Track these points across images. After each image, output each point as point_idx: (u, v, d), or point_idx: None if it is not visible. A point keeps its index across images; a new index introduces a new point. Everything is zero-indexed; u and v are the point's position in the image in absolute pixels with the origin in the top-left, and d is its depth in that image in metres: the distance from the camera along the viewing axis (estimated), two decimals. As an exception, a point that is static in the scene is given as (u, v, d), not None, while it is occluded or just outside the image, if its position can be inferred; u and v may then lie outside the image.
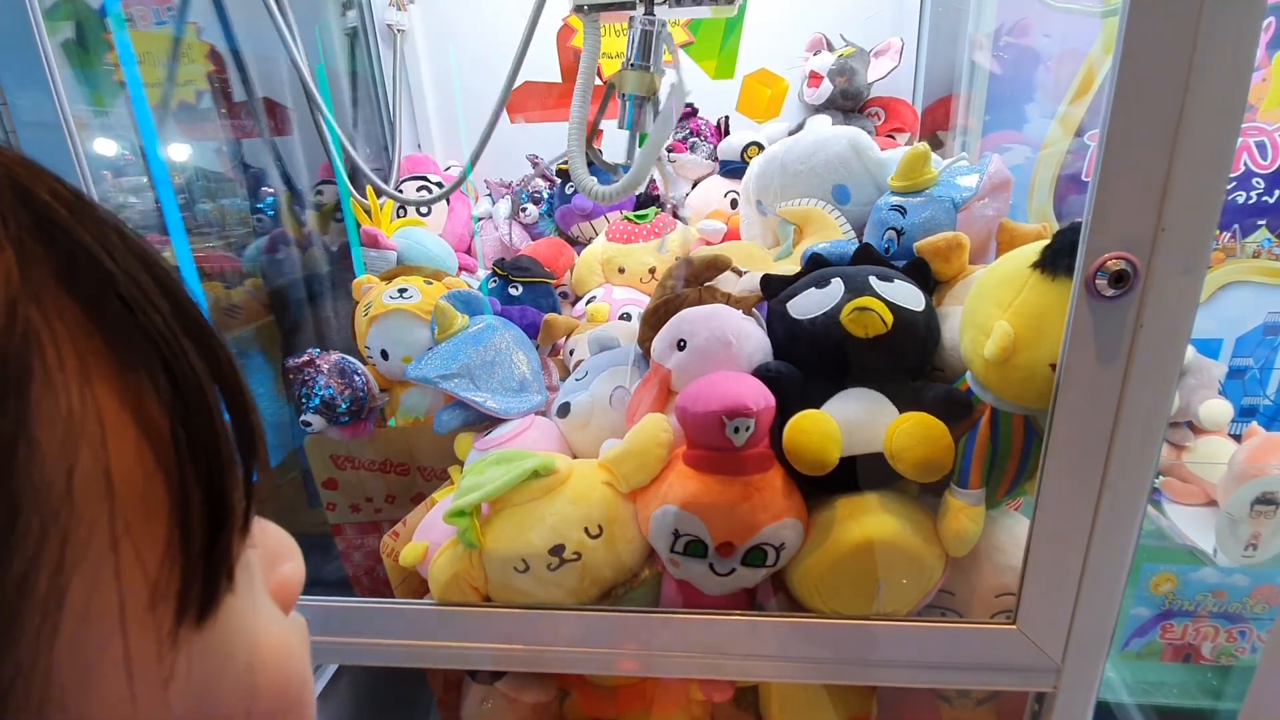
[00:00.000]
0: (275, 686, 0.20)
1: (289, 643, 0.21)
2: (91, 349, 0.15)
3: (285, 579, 0.23)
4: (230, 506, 0.17)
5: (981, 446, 0.59)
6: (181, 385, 0.16)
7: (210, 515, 0.17)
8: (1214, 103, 0.44)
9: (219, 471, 0.17)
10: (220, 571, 0.17)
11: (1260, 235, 1.02)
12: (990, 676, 0.62)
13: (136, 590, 0.15)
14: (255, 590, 0.21)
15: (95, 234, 0.15)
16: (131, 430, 0.15)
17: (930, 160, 0.78)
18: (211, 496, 0.17)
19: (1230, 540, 0.75)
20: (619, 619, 0.65)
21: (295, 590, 0.24)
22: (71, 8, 0.88)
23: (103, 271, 0.15)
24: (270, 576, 0.23)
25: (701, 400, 0.60)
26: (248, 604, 0.20)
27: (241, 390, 0.18)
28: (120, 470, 0.15)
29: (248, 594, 0.20)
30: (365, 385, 0.86)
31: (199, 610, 0.17)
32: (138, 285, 0.16)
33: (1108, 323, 0.49)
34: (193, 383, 0.17)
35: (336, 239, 1.18)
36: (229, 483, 0.17)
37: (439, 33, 1.27)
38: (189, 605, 0.17)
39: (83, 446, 0.14)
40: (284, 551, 0.24)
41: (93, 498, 0.14)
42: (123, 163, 0.95)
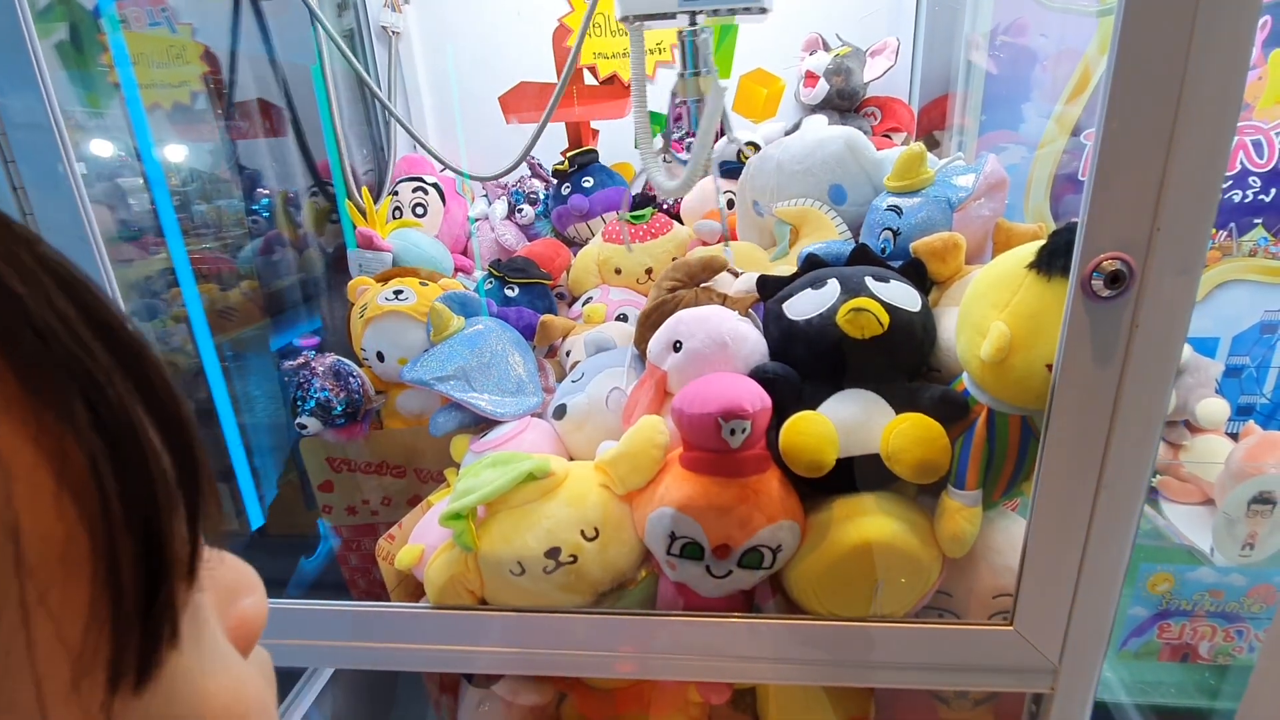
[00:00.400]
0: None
1: (243, 692, 0.19)
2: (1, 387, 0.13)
3: (245, 616, 0.21)
4: (170, 555, 0.15)
5: (978, 447, 0.59)
6: (107, 422, 0.14)
7: (147, 568, 0.15)
8: (1209, 103, 0.44)
9: (154, 516, 0.15)
10: (161, 630, 0.16)
11: (1257, 234, 1.02)
12: (987, 678, 0.62)
13: (56, 668, 0.13)
14: (205, 639, 0.19)
15: (6, 255, 0.14)
16: (47, 481, 0.13)
17: (926, 160, 0.78)
18: (147, 547, 0.15)
19: (1227, 539, 0.75)
20: (616, 621, 0.65)
21: (256, 628, 0.22)
22: (66, 9, 0.88)
23: (10, 296, 0.13)
24: (228, 615, 0.21)
25: (697, 402, 0.60)
26: (195, 658, 0.18)
27: (181, 420, 0.16)
28: (32, 530, 0.13)
29: (195, 647, 0.18)
30: (361, 387, 0.86)
31: (136, 676, 0.15)
32: (52, 309, 0.14)
33: (1104, 323, 0.49)
34: (121, 418, 0.15)
35: (332, 240, 1.18)
36: (168, 527, 0.15)
37: (434, 34, 1.27)
38: (123, 673, 0.15)
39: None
40: (243, 586, 0.22)
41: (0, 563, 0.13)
42: (118, 164, 0.95)
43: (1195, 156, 0.45)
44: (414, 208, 1.14)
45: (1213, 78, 0.43)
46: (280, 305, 1.10)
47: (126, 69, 0.93)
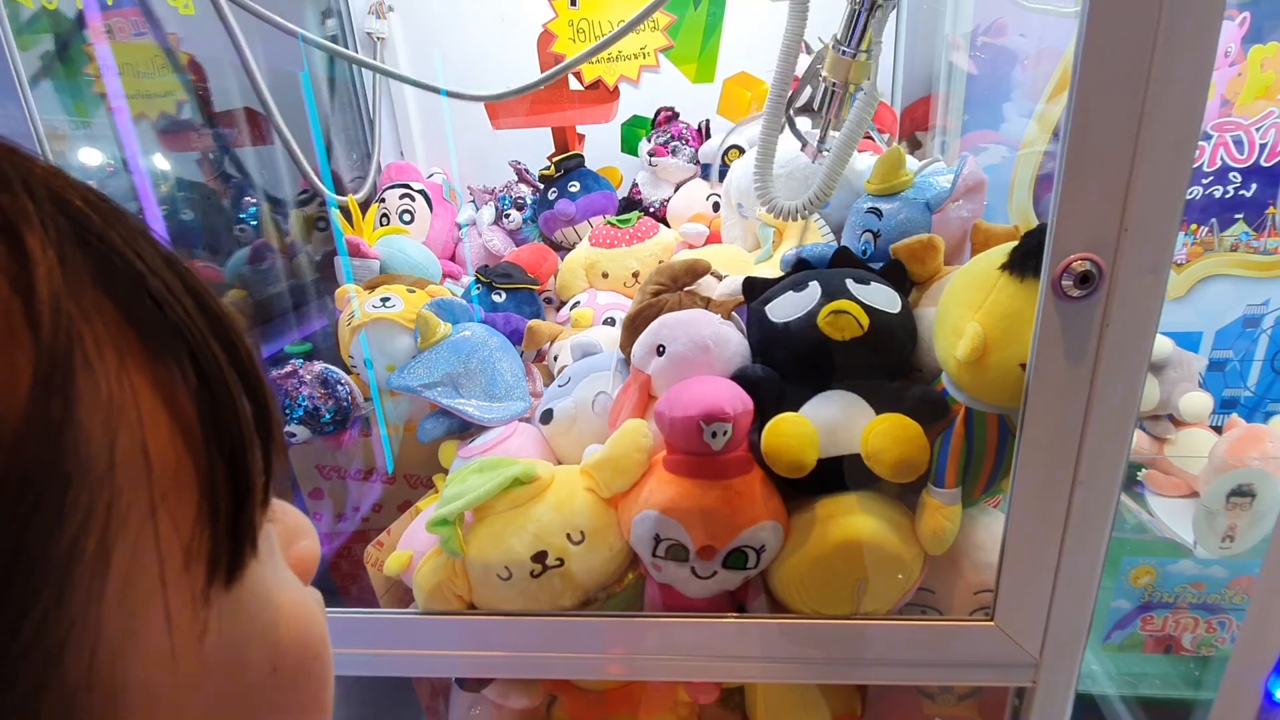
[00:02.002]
0: (297, 644, 0.22)
1: (307, 606, 0.23)
2: (126, 342, 0.16)
3: (302, 554, 0.26)
4: (251, 482, 0.19)
5: (956, 446, 0.59)
6: (206, 374, 0.18)
7: (233, 489, 0.18)
8: (1173, 105, 0.44)
9: (240, 451, 0.19)
10: (244, 539, 0.19)
11: (1238, 229, 1.03)
12: (970, 673, 0.63)
13: (173, 553, 0.17)
14: (276, 560, 0.23)
15: (126, 238, 0.17)
16: (163, 414, 0.17)
17: (905, 162, 0.79)
18: (234, 472, 0.19)
19: (1207, 532, 0.76)
20: (604, 624, 0.65)
21: (312, 564, 0.26)
22: (50, 20, 0.88)
23: (134, 272, 0.17)
24: (289, 552, 0.25)
25: (680, 405, 0.61)
26: (269, 571, 0.21)
27: (259, 379, 0.20)
28: (155, 448, 0.16)
29: (269, 563, 0.22)
30: (349, 395, 0.86)
31: (227, 573, 0.19)
32: (165, 285, 0.17)
33: (1075, 322, 0.49)
34: (215, 372, 0.18)
35: (320, 248, 1.18)
36: (249, 461, 0.19)
37: (418, 40, 1.27)
38: (218, 568, 0.18)
39: (122, 428, 0.16)
40: (301, 530, 0.26)
41: (132, 473, 0.16)
42: (105, 174, 0.95)
43: (1161, 157, 0.45)
44: (401, 214, 1.14)
45: (1177, 79, 0.44)
46: (269, 313, 1.10)
47: (112, 79, 0.93)
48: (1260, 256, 1.03)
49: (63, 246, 0.15)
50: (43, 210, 0.15)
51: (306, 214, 1.15)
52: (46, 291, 0.15)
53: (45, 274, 0.15)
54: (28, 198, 0.15)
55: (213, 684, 0.19)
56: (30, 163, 0.16)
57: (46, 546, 0.14)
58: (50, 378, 0.14)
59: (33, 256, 0.15)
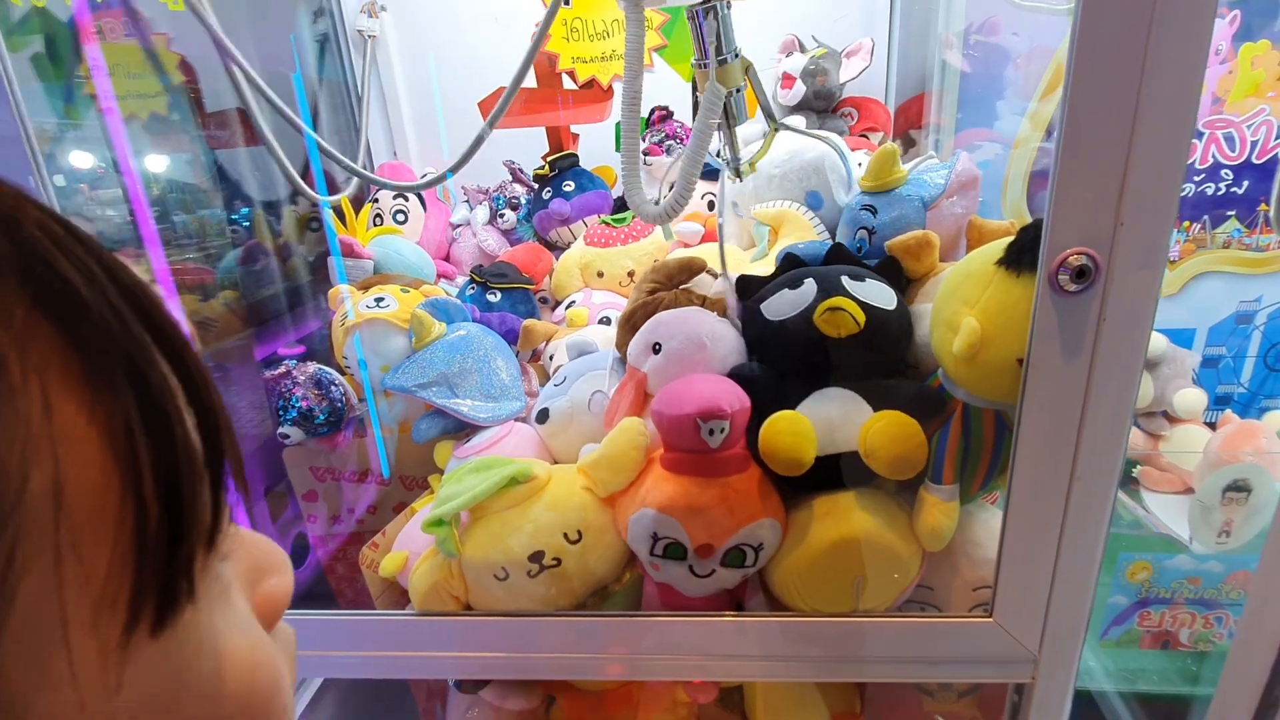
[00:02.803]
0: (240, 696, 0.20)
1: (258, 655, 0.21)
2: (62, 367, 0.16)
3: (270, 593, 0.24)
4: (193, 519, 0.18)
5: (954, 442, 0.59)
6: (147, 401, 0.17)
7: (170, 528, 0.17)
8: (1167, 101, 0.44)
9: (179, 485, 0.18)
10: (178, 584, 0.18)
11: (1230, 226, 1.04)
12: (969, 669, 0.63)
13: (81, 604, 0.16)
14: (226, 603, 0.21)
15: (76, 263, 0.17)
16: (94, 446, 0.16)
17: (899, 160, 0.79)
18: (171, 510, 0.17)
19: (1203, 527, 0.76)
20: (601, 623, 0.65)
21: (280, 605, 0.24)
22: (41, 21, 0.87)
23: (77, 298, 0.16)
24: (254, 591, 0.23)
25: (676, 403, 0.60)
26: (214, 616, 0.20)
27: (214, 403, 0.19)
28: (75, 484, 0.15)
29: (215, 606, 0.20)
30: (343, 396, 0.85)
31: (154, 621, 0.18)
32: (114, 310, 0.17)
33: (1071, 317, 0.49)
34: (158, 399, 0.17)
35: (314, 249, 1.17)
36: (192, 495, 0.18)
37: (411, 39, 1.27)
38: (140, 616, 0.17)
39: (38, 461, 0.15)
40: (271, 566, 0.25)
41: (43, 510, 0.15)
42: (95, 176, 0.94)
43: (1156, 153, 0.45)
44: (394, 214, 1.14)
45: (1171, 76, 0.44)
46: (262, 315, 1.09)
47: (103, 80, 0.92)
48: (1252, 253, 1.03)
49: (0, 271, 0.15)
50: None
51: (299, 214, 1.14)
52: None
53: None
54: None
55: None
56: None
57: None
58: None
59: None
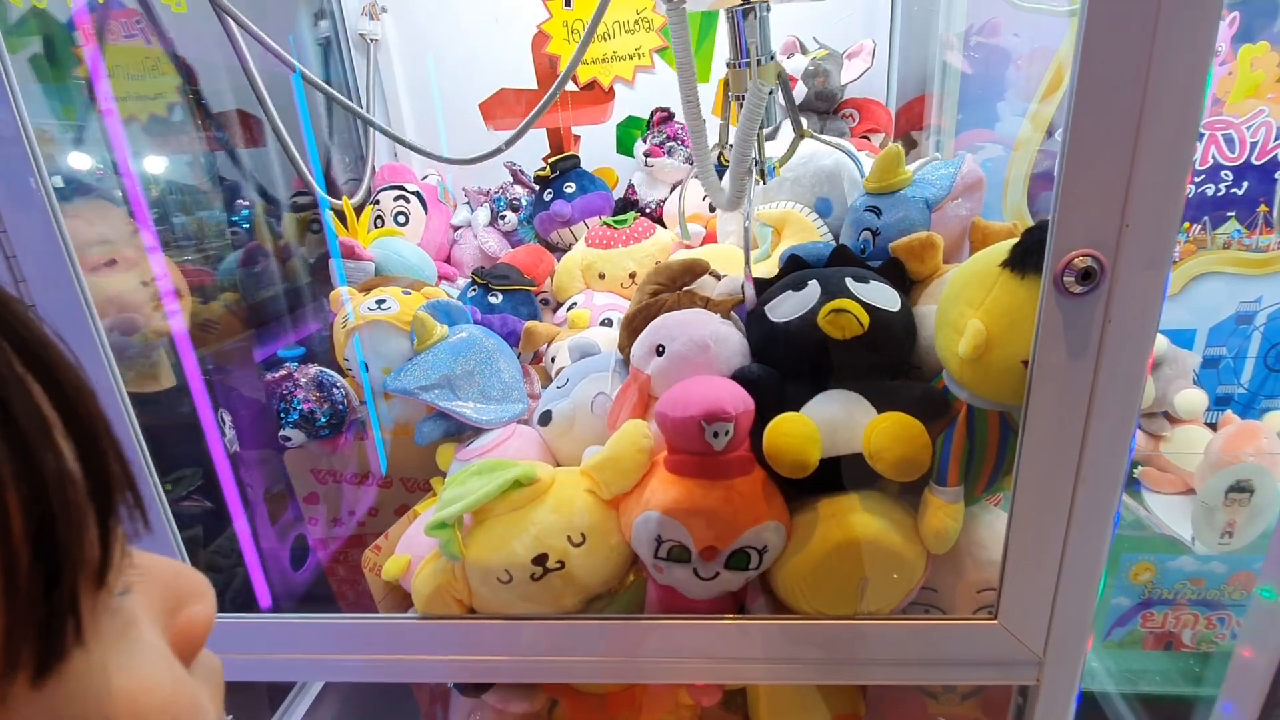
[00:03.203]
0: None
1: (163, 695, 0.20)
2: None
3: (188, 623, 0.22)
4: (71, 554, 0.16)
5: (958, 444, 0.59)
6: (11, 435, 0.16)
7: (44, 570, 0.16)
8: (1172, 102, 0.44)
9: (53, 521, 0.16)
10: (61, 626, 0.16)
11: (1230, 227, 1.04)
12: (974, 671, 0.63)
13: None
14: (130, 640, 0.19)
15: None
16: None
17: (903, 161, 0.79)
18: (43, 551, 0.16)
19: (1206, 528, 0.76)
20: (605, 627, 0.65)
21: (200, 634, 0.23)
22: (40, 22, 0.87)
23: None
24: (172, 621, 0.22)
25: (680, 405, 0.60)
26: (109, 657, 0.18)
27: (96, 425, 0.18)
28: None
29: (111, 647, 0.19)
30: (344, 398, 0.85)
31: (35, 669, 0.16)
32: None
33: (1077, 319, 0.49)
34: (21, 415, 0.16)
35: (314, 250, 1.17)
36: (73, 529, 0.17)
37: (412, 42, 1.27)
38: (18, 665, 0.16)
39: None
40: (192, 593, 0.23)
41: None
42: (95, 177, 0.94)
43: (1161, 154, 0.45)
44: (395, 216, 1.14)
45: (1176, 76, 0.44)
46: (263, 317, 1.09)
47: (102, 81, 0.92)
48: (1252, 254, 1.04)
49: None
50: None
51: (300, 216, 1.14)
52: None
53: None
54: None
55: None
56: None
57: None
58: None
59: None
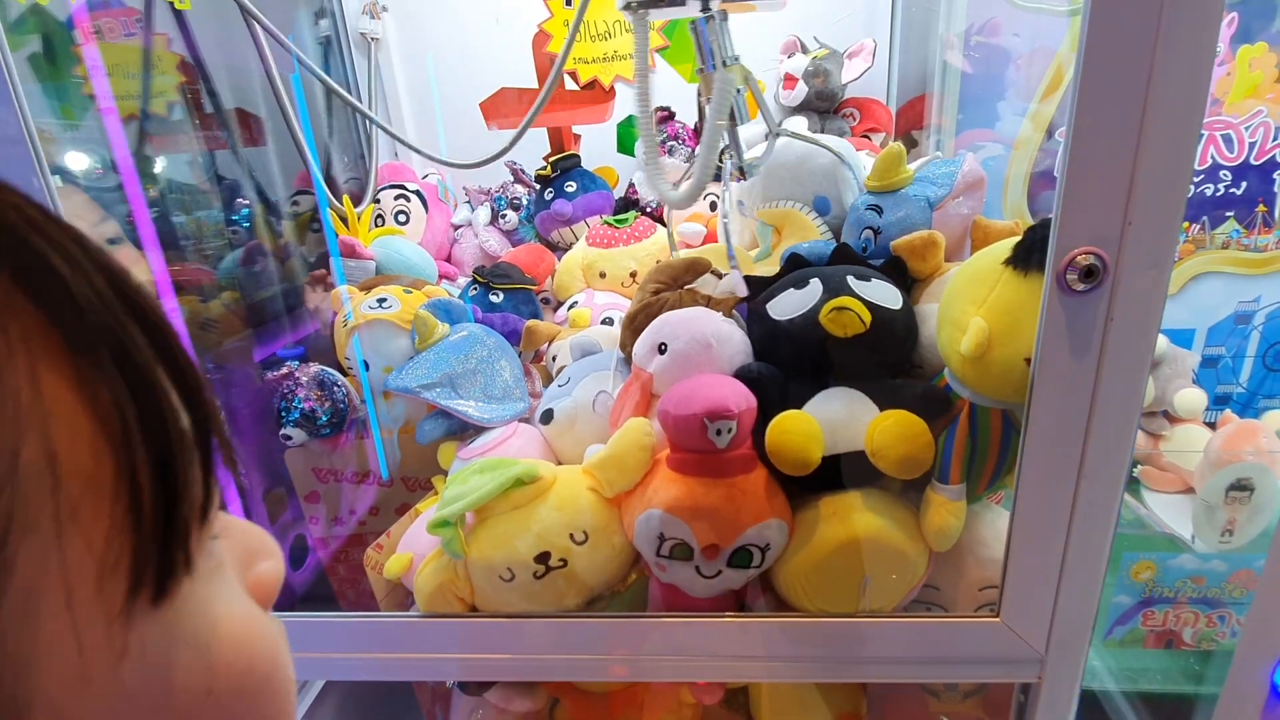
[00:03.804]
0: (238, 667, 0.21)
1: (255, 628, 0.22)
2: (45, 343, 0.16)
3: (262, 577, 0.24)
4: (185, 490, 0.18)
5: (961, 442, 0.59)
6: (133, 376, 0.17)
7: (162, 499, 0.18)
8: (1175, 101, 0.45)
9: (171, 457, 0.18)
10: (175, 554, 0.18)
11: (1229, 226, 1.04)
12: (975, 669, 0.63)
13: (84, 570, 0.16)
14: (222, 579, 0.22)
15: (53, 243, 0.17)
16: (83, 418, 0.16)
17: (905, 160, 0.79)
18: (163, 480, 0.18)
19: (1207, 526, 0.76)
20: (607, 625, 0.65)
21: (273, 588, 0.25)
22: (38, 20, 0.87)
23: (56, 275, 0.17)
24: (247, 575, 0.24)
25: (683, 403, 0.60)
26: (211, 590, 0.20)
27: (199, 384, 0.20)
28: (67, 454, 0.16)
29: (212, 581, 0.21)
30: (346, 397, 0.85)
31: (154, 590, 0.18)
32: (92, 287, 0.17)
33: (1079, 317, 0.49)
34: (144, 374, 0.18)
35: (314, 249, 1.17)
36: (183, 467, 0.18)
37: (413, 41, 1.27)
38: (142, 585, 0.17)
39: (28, 434, 0.15)
40: (262, 550, 0.25)
41: (38, 482, 0.15)
42: (94, 176, 0.94)
43: (1163, 152, 0.46)
44: (396, 215, 1.14)
45: (1178, 76, 0.44)
46: (263, 316, 1.08)
47: (101, 80, 0.92)
48: (1251, 254, 1.04)
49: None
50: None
51: (301, 215, 1.14)
52: None
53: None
54: None
55: (134, 706, 0.18)
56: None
57: None
58: None
59: None
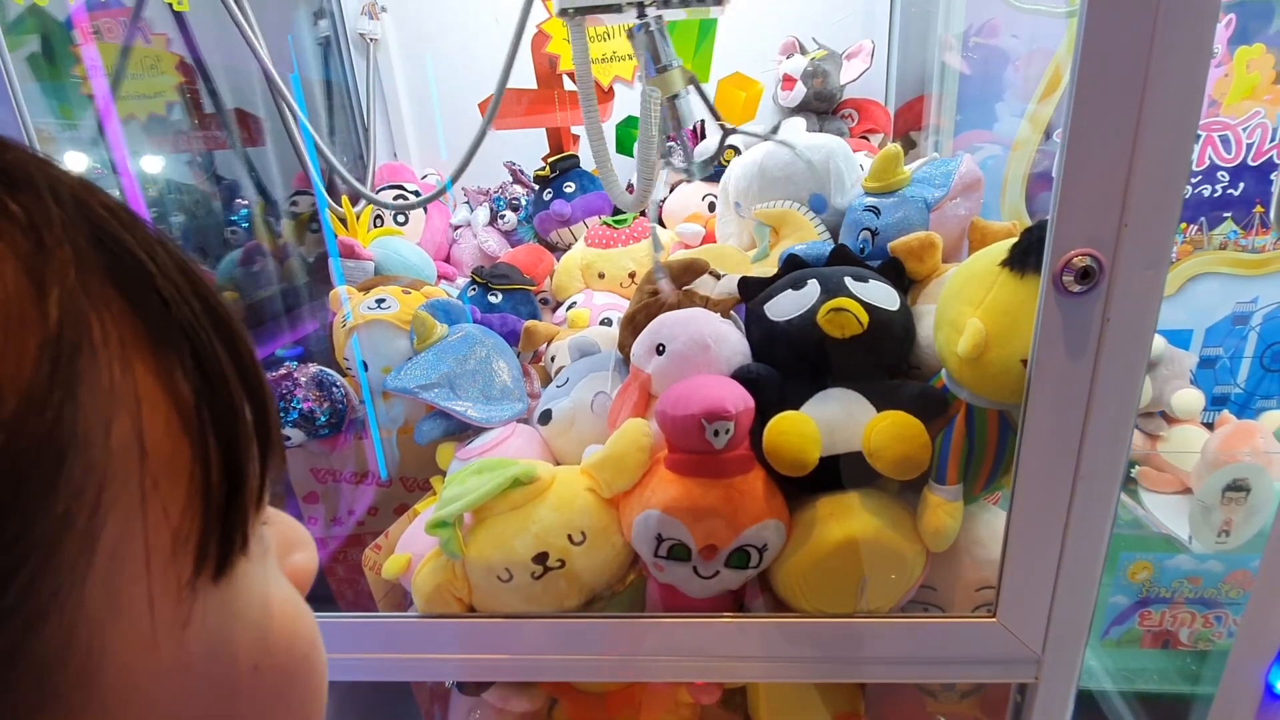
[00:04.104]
0: (282, 645, 0.22)
1: (297, 609, 0.24)
2: (132, 334, 0.17)
3: (299, 566, 0.26)
4: (246, 477, 0.20)
5: (957, 443, 0.60)
6: (207, 369, 0.19)
7: (227, 483, 0.19)
8: (1171, 102, 0.45)
9: (236, 445, 0.19)
10: (235, 534, 0.20)
11: (1226, 227, 1.04)
12: (972, 669, 0.63)
13: (161, 539, 0.18)
14: (269, 563, 0.23)
15: (141, 242, 0.18)
16: (163, 402, 0.18)
17: (902, 161, 0.79)
18: (229, 466, 0.19)
19: (1203, 527, 0.77)
20: (605, 625, 0.65)
21: (308, 577, 0.26)
22: (37, 20, 0.87)
23: (144, 272, 0.18)
24: (285, 563, 0.25)
25: (681, 404, 0.60)
26: (261, 570, 0.22)
27: (261, 384, 0.21)
28: (151, 434, 0.17)
29: (261, 563, 0.22)
30: (344, 397, 0.85)
31: (216, 566, 0.19)
32: (174, 285, 0.19)
33: (1076, 318, 0.50)
34: (216, 368, 0.19)
35: (313, 250, 1.17)
36: (245, 456, 0.20)
37: (412, 41, 1.27)
38: (206, 560, 0.19)
39: (120, 411, 0.17)
40: (299, 541, 0.27)
41: (127, 456, 0.17)
42: (93, 176, 0.94)
43: (1159, 154, 0.46)
44: (395, 216, 1.14)
45: (1174, 77, 0.44)
46: (261, 316, 1.09)
47: (100, 80, 0.92)
48: (1248, 255, 1.04)
49: (79, 245, 0.17)
50: (65, 213, 0.17)
51: (299, 215, 1.14)
52: (59, 283, 0.16)
53: (59, 268, 0.16)
54: (52, 201, 0.17)
55: (193, 674, 0.19)
56: (60, 173, 0.18)
57: (36, 514, 0.15)
58: (56, 360, 0.15)
59: (51, 252, 0.16)
